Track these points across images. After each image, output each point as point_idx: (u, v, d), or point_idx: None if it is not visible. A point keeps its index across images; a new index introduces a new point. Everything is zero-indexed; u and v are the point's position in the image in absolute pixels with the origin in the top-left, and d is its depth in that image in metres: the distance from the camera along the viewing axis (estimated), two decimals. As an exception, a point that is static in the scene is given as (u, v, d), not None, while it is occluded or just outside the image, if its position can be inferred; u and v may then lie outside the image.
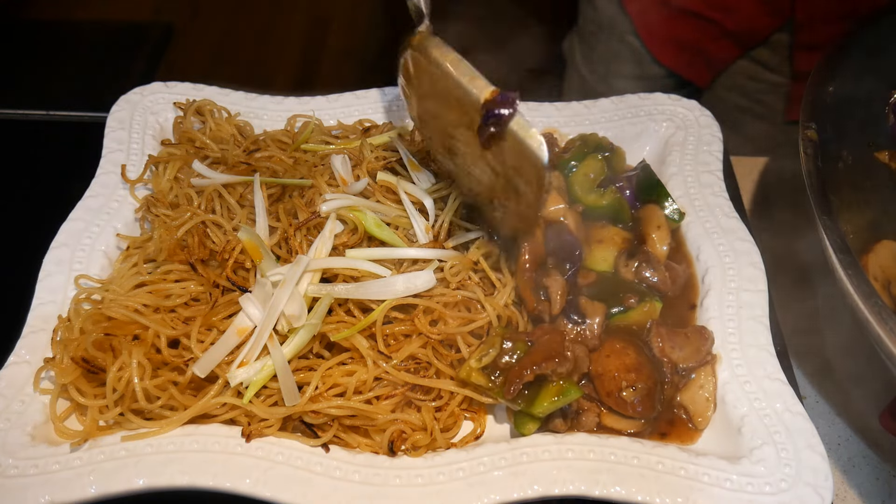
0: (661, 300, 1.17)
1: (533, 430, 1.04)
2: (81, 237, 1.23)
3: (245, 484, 0.97)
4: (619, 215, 1.27)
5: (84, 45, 3.04)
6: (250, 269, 1.14)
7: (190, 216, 1.20)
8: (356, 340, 1.07)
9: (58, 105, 1.69)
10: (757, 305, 1.16)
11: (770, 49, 1.71)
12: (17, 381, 1.07)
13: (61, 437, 1.03)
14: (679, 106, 1.44)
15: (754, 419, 1.05)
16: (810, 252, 1.37)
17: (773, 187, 1.53)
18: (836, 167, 1.17)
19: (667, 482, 0.98)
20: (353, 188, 1.22)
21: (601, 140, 1.35)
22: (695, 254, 1.25)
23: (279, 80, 3.13)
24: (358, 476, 0.99)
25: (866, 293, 0.95)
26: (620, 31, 1.82)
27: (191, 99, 1.42)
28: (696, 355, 1.11)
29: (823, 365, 1.26)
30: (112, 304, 1.10)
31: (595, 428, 1.08)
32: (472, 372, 1.05)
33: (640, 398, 1.06)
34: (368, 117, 1.45)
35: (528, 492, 0.97)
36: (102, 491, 0.96)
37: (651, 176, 1.30)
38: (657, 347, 1.12)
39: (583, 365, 1.08)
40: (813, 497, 0.96)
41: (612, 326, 1.15)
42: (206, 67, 3.15)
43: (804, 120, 1.15)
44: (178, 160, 1.32)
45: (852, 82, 1.22)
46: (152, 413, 1.04)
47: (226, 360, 1.05)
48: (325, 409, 1.03)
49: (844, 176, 1.17)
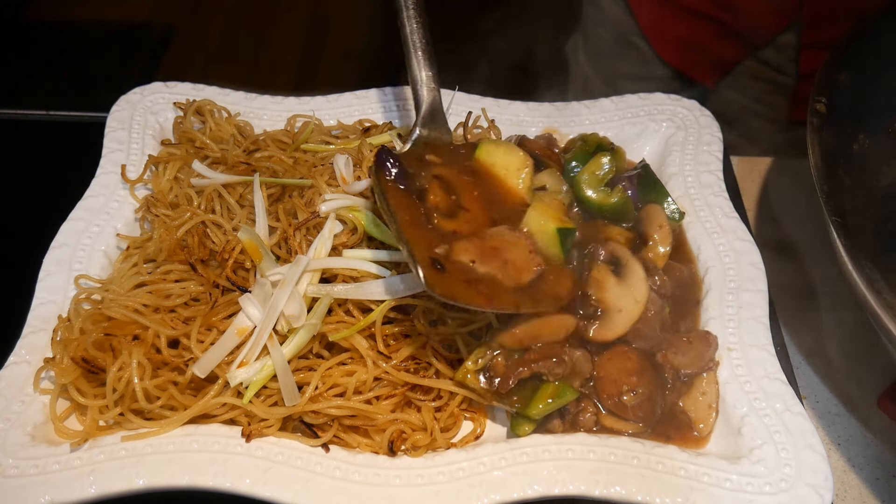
0: (669, 304, 1.16)
1: (528, 432, 1.04)
2: (81, 237, 1.23)
3: (245, 484, 0.97)
4: (623, 214, 1.27)
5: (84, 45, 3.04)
6: (250, 269, 1.14)
7: (190, 216, 1.20)
8: (356, 340, 1.07)
9: (58, 105, 1.69)
10: (757, 305, 1.16)
11: (776, 49, 1.71)
12: (17, 381, 1.07)
13: (61, 437, 1.03)
14: (679, 106, 1.44)
15: (754, 419, 1.05)
16: (810, 252, 1.37)
17: (775, 187, 1.53)
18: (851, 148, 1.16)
19: (667, 482, 0.98)
20: (353, 188, 1.22)
21: (602, 140, 1.35)
22: (695, 253, 1.25)
23: (279, 80, 3.12)
24: (358, 476, 0.99)
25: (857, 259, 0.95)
26: (626, 32, 1.82)
27: (191, 99, 1.42)
28: (698, 361, 1.10)
29: (823, 365, 1.26)
30: (112, 304, 1.10)
31: (594, 429, 1.07)
32: (468, 374, 1.05)
33: (640, 403, 1.06)
34: (368, 117, 1.45)
35: (528, 492, 0.97)
36: (102, 491, 0.96)
37: (651, 175, 1.30)
38: (659, 353, 1.11)
39: (583, 370, 1.07)
40: (813, 497, 0.96)
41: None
42: (206, 67, 3.15)
43: (815, 94, 1.15)
44: (178, 160, 1.32)
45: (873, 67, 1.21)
46: (152, 413, 1.04)
47: (226, 360, 1.05)
48: (325, 409, 1.03)
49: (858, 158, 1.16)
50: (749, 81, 1.80)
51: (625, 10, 1.79)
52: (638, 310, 1.10)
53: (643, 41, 1.80)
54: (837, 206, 1.03)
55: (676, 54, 1.79)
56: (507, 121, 1.44)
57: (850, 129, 1.19)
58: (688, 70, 1.81)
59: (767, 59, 1.74)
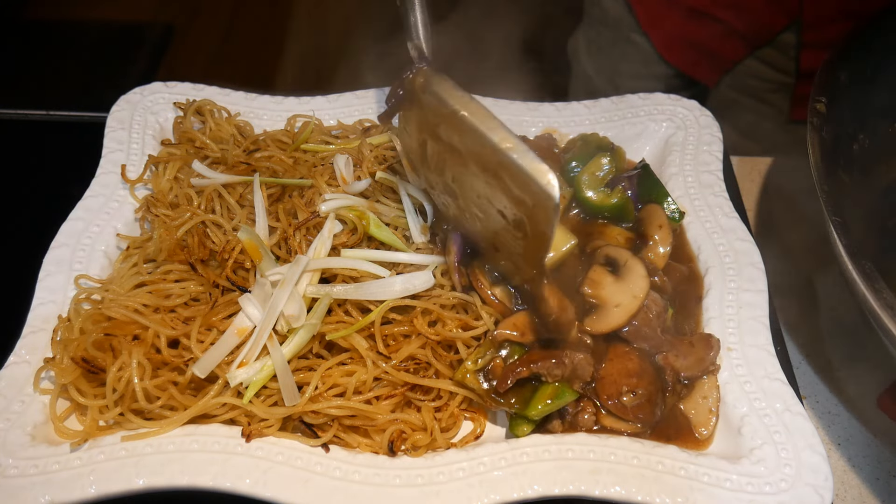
0: (672, 306, 1.16)
1: (527, 433, 1.04)
2: (81, 237, 1.23)
3: (245, 484, 0.97)
4: (623, 215, 1.27)
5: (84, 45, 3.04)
6: (250, 269, 1.14)
7: (190, 216, 1.20)
8: (355, 340, 1.07)
9: (58, 105, 1.69)
10: (757, 305, 1.16)
11: (777, 49, 1.71)
12: (17, 381, 1.07)
13: (61, 437, 1.03)
14: (679, 106, 1.44)
15: (754, 419, 1.05)
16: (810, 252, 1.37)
17: (775, 187, 1.53)
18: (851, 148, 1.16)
19: (666, 482, 0.98)
20: (353, 188, 1.22)
21: (602, 140, 1.35)
22: (695, 253, 1.25)
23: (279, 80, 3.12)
24: (358, 476, 0.99)
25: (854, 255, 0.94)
26: (627, 31, 1.82)
27: (191, 99, 1.42)
28: (699, 364, 1.10)
29: (823, 365, 1.26)
30: (112, 304, 1.10)
31: (594, 429, 1.07)
32: (467, 373, 1.05)
33: (640, 404, 1.06)
34: (368, 117, 1.45)
35: (528, 492, 0.97)
36: (102, 491, 0.96)
37: (650, 175, 1.30)
38: (661, 355, 1.11)
39: (584, 373, 1.06)
40: (813, 497, 0.96)
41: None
42: (206, 67, 3.15)
43: (815, 94, 1.15)
44: (178, 160, 1.32)
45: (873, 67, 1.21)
46: (152, 413, 1.04)
47: (226, 360, 1.05)
48: (324, 409, 1.03)
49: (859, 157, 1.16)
50: (750, 80, 1.80)
51: (625, 8, 1.79)
52: (636, 304, 1.10)
53: (644, 39, 1.80)
54: (837, 206, 1.03)
55: (677, 53, 1.79)
56: (507, 121, 1.41)
57: (850, 129, 1.19)
58: (688, 69, 1.81)
59: (768, 58, 1.74)
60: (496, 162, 0.95)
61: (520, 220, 0.99)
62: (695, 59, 1.79)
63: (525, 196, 0.94)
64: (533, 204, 0.94)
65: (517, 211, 0.97)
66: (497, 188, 0.98)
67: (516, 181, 0.94)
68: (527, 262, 1.04)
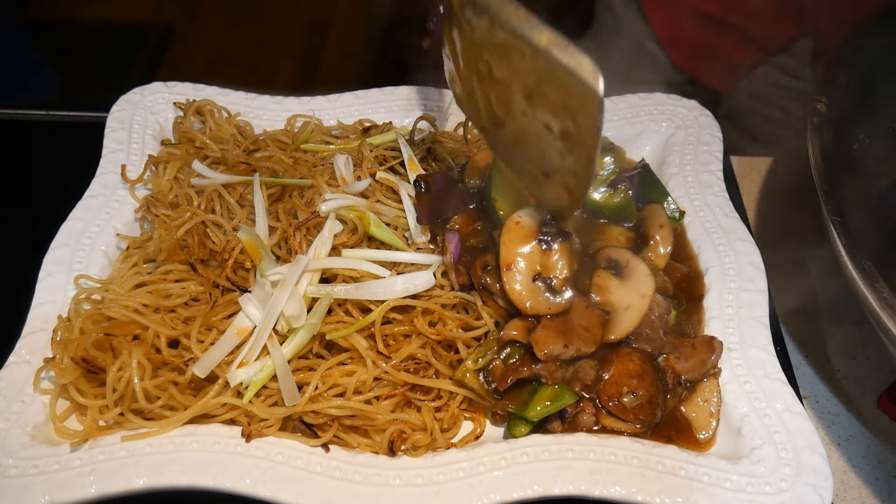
0: (675, 308, 1.16)
1: (524, 433, 1.04)
2: (81, 237, 1.23)
3: (245, 484, 0.97)
4: (625, 215, 1.27)
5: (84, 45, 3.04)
6: (250, 269, 1.15)
7: (190, 216, 1.20)
8: (355, 340, 1.07)
9: (58, 105, 1.69)
10: (757, 305, 1.16)
11: (793, 55, 1.70)
12: (17, 381, 1.07)
13: (61, 437, 1.03)
14: (679, 106, 1.44)
15: (754, 419, 1.05)
16: (810, 252, 1.37)
17: (775, 187, 1.53)
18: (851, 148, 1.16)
19: (667, 482, 0.98)
20: (353, 188, 1.22)
21: (602, 140, 1.34)
22: (695, 253, 1.25)
23: (279, 80, 3.13)
24: (358, 476, 0.99)
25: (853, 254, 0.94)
26: (639, 37, 1.80)
27: (191, 99, 1.42)
28: (700, 367, 1.10)
29: (823, 365, 1.26)
30: (112, 304, 1.10)
31: (594, 429, 1.07)
32: (467, 373, 1.05)
33: (640, 405, 1.05)
34: (368, 117, 1.45)
35: (528, 492, 0.97)
36: (102, 491, 0.96)
37: (651, 175, 1.30)
38: (662, 356, 1.11)
39: (585, 376, 1.06)
40: (813, 497, 0.96)
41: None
42: (206, 67, 3.15)
43: (815, 95, 1.15)
44: (178, 160, 1.32)
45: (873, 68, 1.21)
46: (152, 413, 1.04)
47: (226, 360, 1.05)
48: (324, 409, 1.03)
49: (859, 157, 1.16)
50: (765, 87, 1.79)
51: (638, 15, 1.78)
52: (646, 303, 1.10)
53: (657, 46, 1.79)
54: (837, 206, 1.02)
55: (691, 60, 1.78)
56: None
57: (850, 129, 1.19)
58: (702, 76, 1.80)
59: (784, 64, 1.73)
60: (538, 70, 0.91)
61: (566, 130, 0.95)
62: (708, 65, 1.78)
63: (569, 99, 0.90)
64: (578, 103, 0.90)
65: (563, 120, 0.94)
66: (540, 105, 0.95)
67: (559, 86, 0.90)
68: (577, 179, 1.00)
